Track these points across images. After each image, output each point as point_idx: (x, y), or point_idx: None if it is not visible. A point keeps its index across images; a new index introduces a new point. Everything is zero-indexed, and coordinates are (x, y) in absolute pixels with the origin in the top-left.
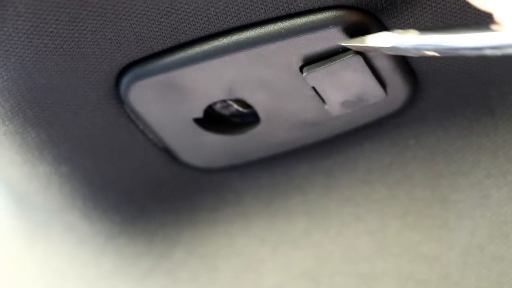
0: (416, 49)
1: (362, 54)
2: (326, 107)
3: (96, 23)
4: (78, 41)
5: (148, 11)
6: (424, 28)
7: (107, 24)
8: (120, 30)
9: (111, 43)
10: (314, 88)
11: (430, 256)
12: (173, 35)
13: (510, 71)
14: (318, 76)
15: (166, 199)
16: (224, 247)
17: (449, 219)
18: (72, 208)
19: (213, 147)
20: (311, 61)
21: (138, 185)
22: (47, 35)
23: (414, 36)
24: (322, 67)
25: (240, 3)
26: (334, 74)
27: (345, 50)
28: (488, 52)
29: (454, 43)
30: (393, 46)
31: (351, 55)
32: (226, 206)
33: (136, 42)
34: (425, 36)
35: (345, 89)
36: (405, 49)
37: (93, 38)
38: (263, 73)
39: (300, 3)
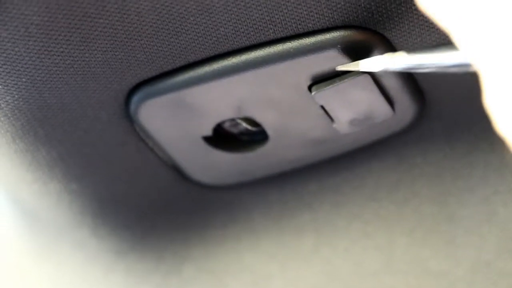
0: (405, 70)
1: (371, 73)
2: (334, 125)
3: (106, 43)
4: (88, 61)
5: (158, 31)
6: (423, 47)
7: (118, 44)
8: (131, 50)
9: (121, 62)
10: (322, 107)
11: (438, 272)
12: (182, 54)
13: None
14: (326, 95)
15: (176, 216)
16: (234, 263)
17: (457, 236)
18: (82, 225)
19: (222, 165)
20: (319, 80)
21: (148, 202)
22: (58, 55)
23: (402, 58)
24: (331, 86)
25: (250, 23)
26: (343, 93)
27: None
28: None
29: (439, 62)
30: (382, 70)
31: (359, 75)
32: (236, 223)
33: (146, 62)
34: (412, 57)
35: (353, 107)
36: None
37: (103, 58)
38: (272, 92)
39: (309, 23)
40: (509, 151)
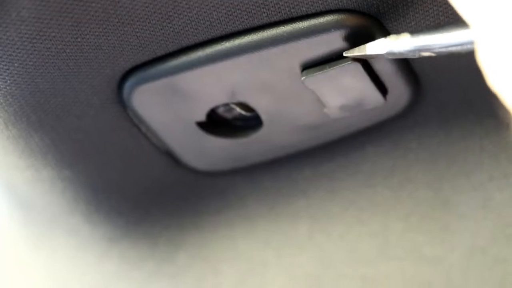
0: (411, 52)
1: (361, 60)
2: (325, 109)
3: (99, 28)
4: (81, 46)
5: (150, 16)
6: (417, 30)
7: (110, 29)
8: (123, 34)
9: (114, 47)
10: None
11: (433, 258)
12: (175, 39)
13: None
14: (316, 81)
15: (170, 203)
16: (228, 250)
17: (451, 221)
18: (75, 212)
19: (216, 151)
20: (313, 65)
21: (141, 189)
22: (50, 40)
23: (407, 40)
24: (321, 72)
25: (243, 7)
26: (333, 79)
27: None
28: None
29: (444, 42)
30: (388, 52)
31: (350, 62)
32: (230, 209)
33: (139, 47)
34: (417, 39)
35: (343, 93)
36: (401, 53)
37: (95, 42)
38: (266, 77)
39: (302, 7)
40: (505, 136)
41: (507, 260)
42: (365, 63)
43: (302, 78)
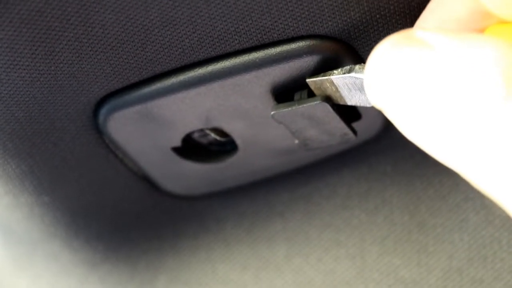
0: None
1: (330, 100)
2: (296, 141)
3: (72, 56)
4: (54, 74)
5: (123, 44)
6: None
7: (83, 57)
8: (97, 62)
9: (88, 75)
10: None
11: (410, 280)
12: (149, 66)
13: None
14: (286, 116)
15: (148, 227)
16: (207, 273)
17: (428, 244)
18: (55, 237)
19: (192, 175)
20: (286, 90)
21: (120, 213)
22: (24, 69)
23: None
24: (289, 108)
25: (214, 34)
26: (302, 115)
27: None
28: None
29: None
30: (350, 75)
31: (318, 102)
32: (208, 233)
33: (113, 74)
34: None
35: (313, 129)
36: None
37: (69, 71)
38: (239, 103)
39: (274, 33)
40: None
41: (483, 281)
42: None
43: (272, 113)
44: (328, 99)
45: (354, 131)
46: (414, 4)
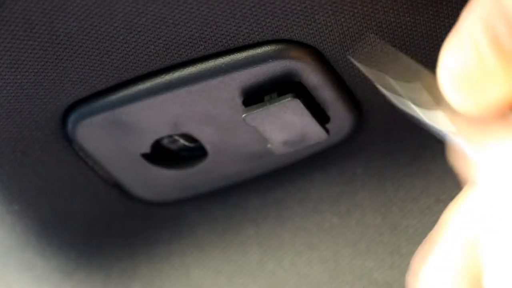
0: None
1: (301, 96)
2: (268, 145)
3: (37, 65)
4: (20, 83)
5: (88, 51)
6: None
7: (49, 65)
8: (62, 70)
9: (54, 83)
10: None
11: (383, 282)
12: (115, 73)
13: None
14: (257, 117)
15: (121, 234)
16: (181, 279)
17: (401, 245)
18: (27, 246)
19: (163, 181)
20: (253, 95)
21: (92, 221)
22: None
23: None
24: (261, 109)
25: (179, 40)
26: (273, 116)
27: (285, 87)
28: None
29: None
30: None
31: (289, 99)
32: (181, 239)
33: (79, 82)
34: None
35: (285, 130)
36: None
37: (35, 79)
38: (207, 108)
39: (239, 38)
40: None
41: None
42: (305, 97)
43: (243, 115)
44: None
45: (326, 130)
46: (379, 8)
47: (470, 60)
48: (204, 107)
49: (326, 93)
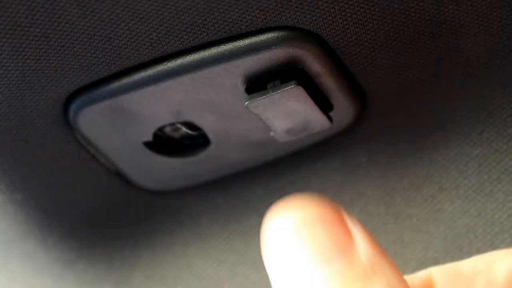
0: None
1: (304, 84)
2: (271, 133)
3: (39, 52)
4: (22, 70)
5: (90, 38)
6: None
7: (51, 52)
8: (64, 57)
9: (56, 71)
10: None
11: None
12: (117, 60)
13: (459, 86)
14: (260, 105)
15: (123, 223)
16: (183, 269)
17: (404, 234)
18: (29, 236)
19: (165, 170)
20: (256, 84)
21: (94, 210)
22: None
23: None
24: (264, 96)
25: (182, 27)
26: (276, 103)
27: (288, 74)
28: None
29: None
30: None
31: (292, 86)
32: (183, 228)
33: (81, 69)
34: None
35: (288, 117)
36: None
37: (37, 66)
38: (210, 96)
39: (242, 25)
40: (453, 147)
41: None
42: (308, 85)
43: (246, 103)
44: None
45: (329, 118)
46: None
47: None
48: (207, 94)
49: (330, 81)
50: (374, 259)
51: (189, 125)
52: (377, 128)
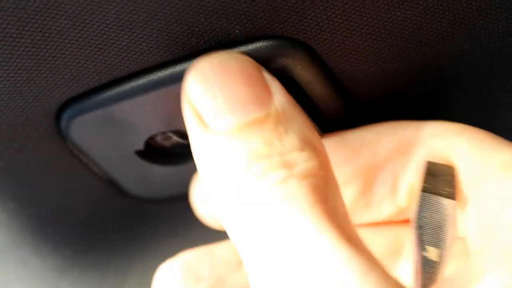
0: None
1: (293, 92)
2: None
3: (30, 62)
4: (14, 80)
5: (81, 49)
6: (346, 54)
7: (42, 63)
8: (55, 68)
9: (48, 81)
10: None
11: None
12: (108, 70)
13: (447, 94)
14: None
15: (116, 231)
16: None
17: None
18: (23, 244)
19: (157, 178)
20: None
21: (87, 218)
22: None
23: None
24: None
25: (171, 37)
26: None
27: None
28: None
29: None
30: None
31: None
32: (176, 236)
33: (73, 79)
34: None
35: None
36: None
37: (28, 77)
38: None
39: (231, 34)
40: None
41: None
42: (297, 93)
43: None
44: None
45: (319, 125)
46: (369, 3)
47: None
48: None
49: (318, 89)
50: (289, 108)
51: (180, 133)
52: None
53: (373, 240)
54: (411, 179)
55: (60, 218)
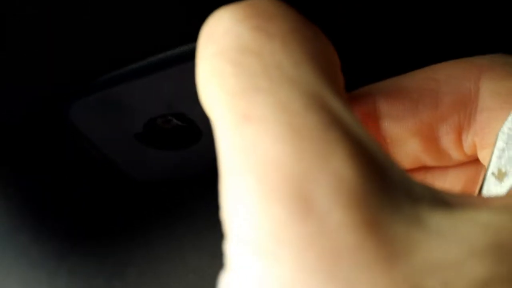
0: None
1: None
2: None
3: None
4: (13, 63)
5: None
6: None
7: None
8: (55, 53)
9: (47, 65)
10: None
11: None
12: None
13: None
14: None
15: (116, 217)
16: (177, 264)
17: None
18: (23, 230)
19: (157, 162)
20: None
21: (87, 204)
22: None
23: None
24: None
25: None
26: None
27: None
28: None
29: None
30: None
31: None
32: (178, 223)
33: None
34: None
35: None
36: None
37: (27, 60)
38: None
39: None
40: None
41: None
42: None
43: None
44: None
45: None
46: None
47: None
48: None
49: None
50: None
51: (181, 116)
52: None
53: (445, 178)
54: (475, 135)
55: (60, 203)
